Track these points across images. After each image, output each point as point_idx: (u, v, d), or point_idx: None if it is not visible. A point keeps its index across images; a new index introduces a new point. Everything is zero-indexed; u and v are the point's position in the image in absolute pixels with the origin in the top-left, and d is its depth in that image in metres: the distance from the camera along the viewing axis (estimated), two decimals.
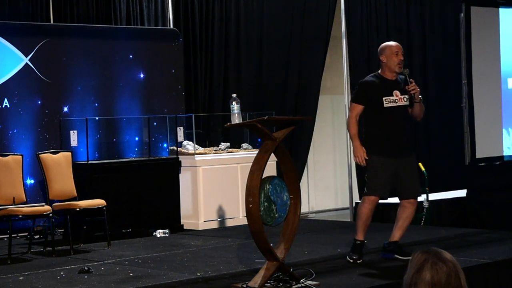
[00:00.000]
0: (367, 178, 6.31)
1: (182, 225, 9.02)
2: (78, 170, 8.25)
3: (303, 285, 5.35)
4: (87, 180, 8.37)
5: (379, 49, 6.42)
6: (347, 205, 10.95)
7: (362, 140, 6.27)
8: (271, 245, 5.35)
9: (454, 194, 10.70)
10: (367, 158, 6.17)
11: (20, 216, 7.40)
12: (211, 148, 9.75)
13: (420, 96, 6.27)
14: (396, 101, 6.21)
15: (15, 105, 8.69)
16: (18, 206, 7.42)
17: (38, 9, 9.25)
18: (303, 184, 11.32)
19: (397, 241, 6.34)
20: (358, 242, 6.29)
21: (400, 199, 6.38)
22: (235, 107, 5.54)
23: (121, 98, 9.42)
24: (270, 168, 7.63)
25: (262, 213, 5.27)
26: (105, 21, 9.72)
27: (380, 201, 6.51)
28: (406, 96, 6.24)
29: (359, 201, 10.71)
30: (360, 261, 6.24)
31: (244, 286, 5.29)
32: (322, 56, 11.47)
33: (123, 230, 8.48)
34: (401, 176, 6.25)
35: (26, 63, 8.76)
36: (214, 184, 9.22)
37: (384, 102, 6.19)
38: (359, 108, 6.25)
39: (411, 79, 6.23)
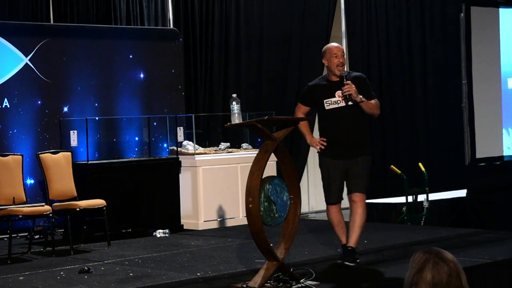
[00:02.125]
0: (322, 183, 6.26)
1: (182, 225, 9.01)
2: (78, 170, 8.24)
3: (303, 285, 5.35)
4: (87, 180, 8.37)
5: (322, 51, 6.31)
6: (347, 205, 10.93)
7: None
8: (271, 245, 5.36)
9: (454, 194, 10.70)
10: (323, 141, 6.09)
11: (20, 216, 7.40)
12: (211, 148, 9.75)
13: (360, 96, 6.02)
14: (338, 102, 6.09)
15: (15, 105, 8.69)
16: (18, 206, 7.42)
17: (38, 9, 9.25)
18: (303, 184, 11.31)
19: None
20: (347, 247, 6.18)
21: (348, 194, 6.29)
22: (235, 107, 5.53)
23: (121, 98, 9.42)
24: (270, 168, 7.63)
25: (262, 213, 5.27)
26: (105, 21, 9.72)
27: (380, 201, 6.50)
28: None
29: None
30: (358, 260, 6.20)
31: (244, 286, 5.29)
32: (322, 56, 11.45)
33: (123, 230, 8.48)
34: (349, 175, 6.18)
35: (26, 63, 8.76)
36: (214, 184, 9.22)
37: (325, 104, 6.11)
38: (303, 108, 6.23)
39: (347, 81, 6.03)
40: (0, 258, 7.24)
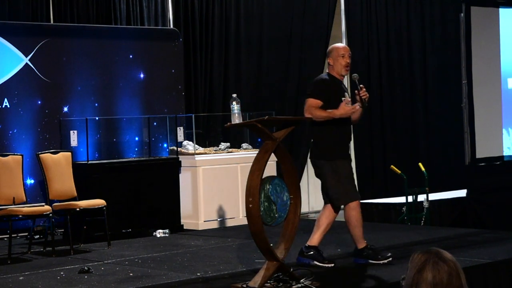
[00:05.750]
0: (335, 186, 6.13)
1: (182, 225, 9.01)
2: (78, 170, 8.24)
3: (303, 285, 5.35)
4: (87, 180, 8.37)
5: (327, 51, 6.28)
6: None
7: (313, 143, 6.13)
8: (271, 245, 5.35)
9: (454, 194, 10.70)
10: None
11: (20, 216, 7.40)
12: (211, 148, 9.75)
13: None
14: (349, 102, 6.09)
15: (15, 105, 8.69)
16: (18, 206, 7.42)
17: (38, 9, 9.25)
18: (303, 184, 11.30)
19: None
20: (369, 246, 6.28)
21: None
22: (235, 107, 5.52)
23: (121, 98, 9.42)
24: (270, 168, 7.62)
25: (262, 213, 5.27)
26: (105, 21, 9.71)
27: (380, 201, 6.51)
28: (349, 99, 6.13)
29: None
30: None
31: (244, 286, 5.29)
32: (322, 56, 11.46)
33: (123, 230, 8.48)
34: None
35: (26, 63, 8.76)
36: (214, 184, 9.22)
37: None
38: (317, 103, 5.95)
39: (361, 85, 6.02)
40: (0, 258, 7.24)
